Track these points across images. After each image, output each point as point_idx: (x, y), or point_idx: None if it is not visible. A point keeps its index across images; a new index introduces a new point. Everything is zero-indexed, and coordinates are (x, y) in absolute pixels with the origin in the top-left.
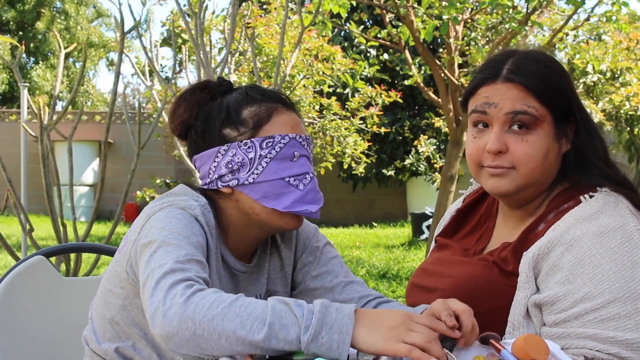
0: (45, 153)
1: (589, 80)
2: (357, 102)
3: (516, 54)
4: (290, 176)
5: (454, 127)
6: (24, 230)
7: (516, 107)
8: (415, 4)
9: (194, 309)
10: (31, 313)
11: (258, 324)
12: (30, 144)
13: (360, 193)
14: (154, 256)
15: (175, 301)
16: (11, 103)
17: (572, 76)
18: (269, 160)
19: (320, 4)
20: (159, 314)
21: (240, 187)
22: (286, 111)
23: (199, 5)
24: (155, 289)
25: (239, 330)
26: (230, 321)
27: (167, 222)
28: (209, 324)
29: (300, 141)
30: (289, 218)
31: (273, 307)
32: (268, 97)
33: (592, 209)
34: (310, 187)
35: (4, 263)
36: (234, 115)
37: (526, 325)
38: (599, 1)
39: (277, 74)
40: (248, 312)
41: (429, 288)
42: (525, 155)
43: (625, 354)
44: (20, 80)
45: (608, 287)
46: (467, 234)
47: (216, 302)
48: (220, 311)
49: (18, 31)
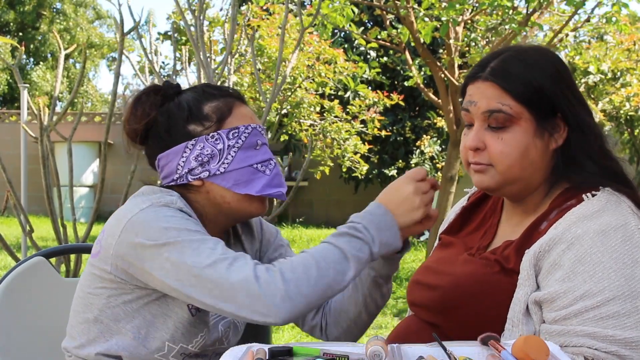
0: (45, 154)
1: (590, 80)
2: (358, 105)
3: (505, 53)
4: (257, 163)
5: (454, 128)
6: (24, 231)
7: (491, 106)
8: (415, 4)
9: (295, 286)
10: (31, 314)
11: (344, 264)
12: (30, 145)
13: (362, 194)
14: (184, 256)
15: (273, 288)
16: (11, 104)
17: (573, 76)
18: (237, 149)
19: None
20: (265, 306)
21: (212, 178)
22: (242, 104)
23: (198, 5)
24: (233, 285)
25: (338, 278)
26: (327, 277)
27: (164, 222)
28: (315, 290)
29: (260, 130)
30: (257, 203)
31: (342, 244)
32: (224, 92)
33: (594, 207)
34: (275, 171)
35: (4, 264)
36: (195, 112)
37: (525, 323)
38: (599, 2)
39: (277, 75)
40: (331, 261)
41: (430, 285)
42: (500, 153)
43: (624, 352)
44: (20, 81)
45: (608, 285)
46: (472, 231)
47: (303, 269)
48: (315, 274)
49: (18, 32)
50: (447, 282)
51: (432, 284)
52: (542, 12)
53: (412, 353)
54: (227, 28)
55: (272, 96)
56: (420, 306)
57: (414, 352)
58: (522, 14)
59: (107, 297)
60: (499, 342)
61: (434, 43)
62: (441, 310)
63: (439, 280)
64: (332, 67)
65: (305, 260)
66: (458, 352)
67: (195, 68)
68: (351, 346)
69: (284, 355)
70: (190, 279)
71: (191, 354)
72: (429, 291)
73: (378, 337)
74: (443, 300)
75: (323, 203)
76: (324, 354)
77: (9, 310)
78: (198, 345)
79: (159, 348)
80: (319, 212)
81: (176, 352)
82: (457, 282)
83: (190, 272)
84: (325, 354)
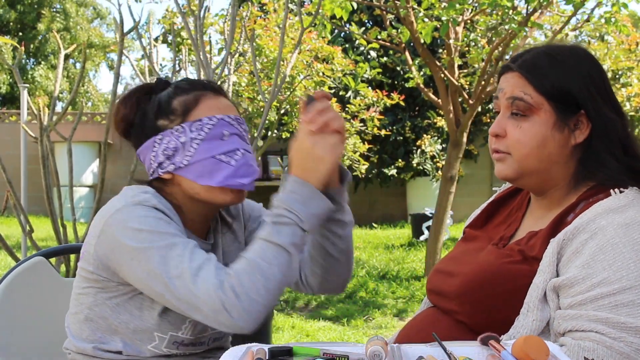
0: (45, 154)
1: None
2: (358, 105)
3: (539, 49)
4: (220, 154)
5: (454, 128)
6: (24, 231)
7: (514, 93)
8: (415, 4)
9: (247, 299)
10: (31, 313)
11: (284, 256)
12: (30, 145)
13: (361, 194)
14: (153, 264)
15: (229, 304)
16: (11, 104)
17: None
18: (200, 141)
19: (320, 5)
20: (227, 319)
21: (178, 171)
22: (214, 96)
23: (198, 5)
24: (198, 297)
25: (285, 271)
26: (274, 276)
27: (137, 223)
28: (267, 293)
29: (229, 121)
30: (228, 193)
31: (275, 238)
32: (196, 85)
33: (621, 202)
34: (242, 162)
35: (4, 264)
36: (165, 107)
37: (541, 309)
38: (599, 2)
39: (277, 75)
40: (271, 259)
41: (451, 273)
42: (516, 141)
43: (631, 339)
44: (20, 81)
45: (626, 275)
46: (497, 224)
47: (249, 279)
48: (262, 279)
49: (18, 32)
50: (468, 270)
51: (454, 272)
52: (542, 12)
53: (412, 353)
54: (227, 26)
55: (271, 95)
56: (438, 293)
57: (414, 352)
58: (522, 14)
59: (94, 295)
60: (499, 342)
61: (434, 43)
62: (458, 295)
63: (460, 268)
64: (330, 65)
65: (248, 268)
66: (458, 352)
67: (195, 68)
68: (351, 346)
69: (284, 355)
70: (161, 287)
71: (185, 341)
72: (449, 278)
73: (378, 337)
74: (461, 286)
75: None
76: (324, 354)
77: (9, 310)
78: (188, 331)
79: (149, 339)
80: None
81: (167, 341)
82: (477, 269)
83: (160, 280)
84: (325, 354)
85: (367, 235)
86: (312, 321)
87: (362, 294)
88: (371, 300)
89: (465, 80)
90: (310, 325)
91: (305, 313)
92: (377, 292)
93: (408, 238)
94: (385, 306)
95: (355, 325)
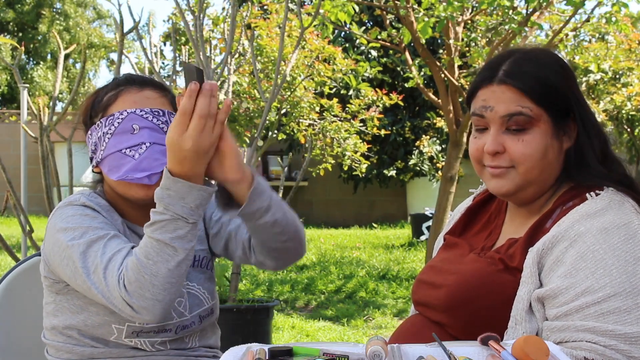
0: (45, 154)
1: (591, 79)
2: (358, 105)
3: (515, 54)
4: (126, 147)
5: (453, 128)
6: (24, 232)
7: (511, 110)
8: (415, 4)
9: (139, 295)
10: (31, 313)
11: (168, 251)
12: (30, 145)
13: (361, 194)
14: (76, 262)
15: (127, 299)
16: (11, 104)
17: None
18: (110, 136)
19: (320, 5)
20: (131, 312)
21: (100, 165)
22: (136, 90)
23: (198, 5)
24: (110, 292)
25: (170, 265)
26: (159, 272)
27: (65, 223)
28: (156, 288)
29: (141, 114)
30: (136, 187)
31: (158, 235)
32: (121, 81)
33: (598, 206)
34: (145, 155)
35: (4, 264)
36: (96, 103)
37: (528, 320)
38: (599, 2)
39: (277, 75)
40: (155, 256)
41: (434, 284)
42: (522, 154)
43: (622, 347)
44: (20, 81)
45: (609, 282)
46: (477, 232)
47: (136, 277)
48: (148, 276)
49: (18, 32)
50: (453, 281)
51: (437, 282)
52: (542, 12)
53: (412, 353)
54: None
55: (272, 96)
56: (425, 305)
57: (414, 352)
58: (522, 14)
59: (55, 303)
60: (499, 342)
61: (434, 43)
62: (446, 308)
63: (443, 279)
64: (331, 65)
65: (134, 267)
66: (458, 352)
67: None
68: (351, 346)
69: (284, 355)
70: (84, 282)
71: (146, 330)
72: (434, 290)
73: (378, 337)
74: (448, 298)
75: (322, 203)
76: (324, 354)
77: (9, 310)
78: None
79: (109, 332)
80: (319, 212)
81: (126, 332)
82: (462, 280)
83: (82, 276)
84: (325, 353)
85: (367, 235)
86: (312, 321)
87: (362, 294)
88: (371, 300)
89: (465, 81)
90: (310, 325)
91: (305, 313)
92: (377, 292)
93: (408, 238)
94: (385, 306)
95: (355, 325)
